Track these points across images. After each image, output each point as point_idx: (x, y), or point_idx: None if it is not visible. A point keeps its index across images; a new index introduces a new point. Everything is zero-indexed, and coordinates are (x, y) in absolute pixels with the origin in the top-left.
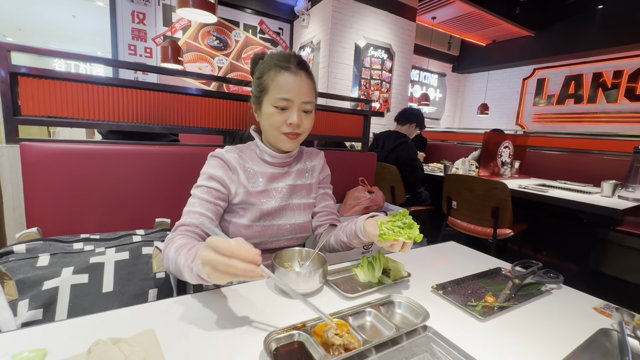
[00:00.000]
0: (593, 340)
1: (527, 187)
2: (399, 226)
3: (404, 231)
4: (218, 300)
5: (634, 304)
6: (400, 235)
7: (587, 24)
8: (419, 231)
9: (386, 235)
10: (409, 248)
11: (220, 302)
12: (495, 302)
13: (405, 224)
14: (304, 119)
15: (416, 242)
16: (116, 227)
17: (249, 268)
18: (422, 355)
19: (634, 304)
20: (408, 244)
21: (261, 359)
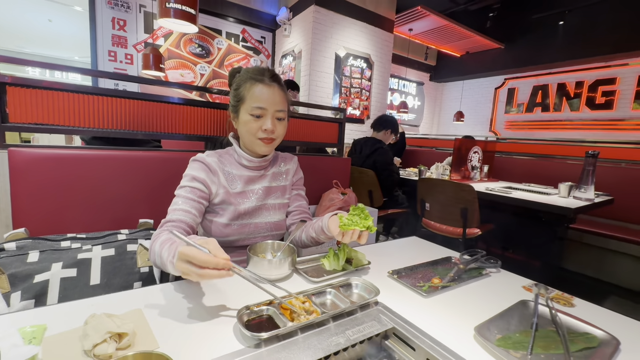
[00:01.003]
0: (512, 308)
1: (493, 189)
2: (356, 221)
3: (360, 221)
4: (197, 286)
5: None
6: (357, 226)
7: (551, 38)
8: (372, 223)
9: (346, 225)
10: (366, 238)
11: (199, 287)
12: (440, 283)
13: (362, 217)
14: (277, 126)
15: (370, 232)
16: (101, 228)
17: (222, 274)
18: (370, 322)
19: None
20: (364, 233)
21: (234, 330)
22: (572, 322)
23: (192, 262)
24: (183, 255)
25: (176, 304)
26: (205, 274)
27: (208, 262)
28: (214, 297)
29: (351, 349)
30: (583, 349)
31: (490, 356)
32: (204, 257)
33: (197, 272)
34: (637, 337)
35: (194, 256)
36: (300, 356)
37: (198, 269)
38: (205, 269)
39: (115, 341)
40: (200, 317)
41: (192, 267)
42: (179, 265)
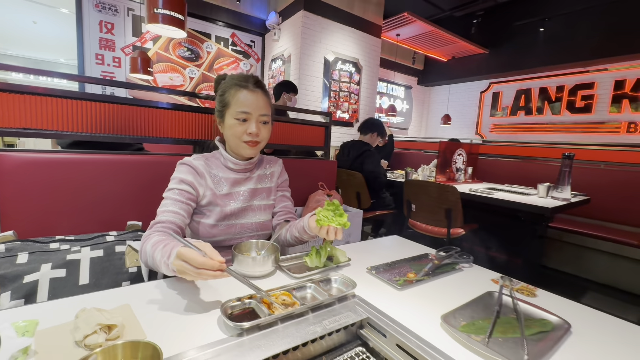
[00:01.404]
0: (479, 298)
1: (476, 190)
2: (331, 217)
3: (335, 218)
4: (184, 283)
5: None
6: (333, 222)
7: (532, 44)
8: (347, 219)
9: (322, 221)
10: (341, 234)
11: (186, 284)
12: (415, 277)
13: (337, 213)
14: (262, 129)
15: (345, 228)
16: (89, 230)
17: (216, 275)
18: (347, 313)
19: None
20: (340, 229)
21: (218, 321)
22: (531, 309)
23: (189, 263)
24: (181, 255)
25: (163, 299)
26: (201, 273)
27: (205, 264)
28: (199, 293)
29: (328, 337)
30: (538, 333)
31: (454, 340)
32: (201, 260)
33: (194, 272)
34: (586, 321)
35: (192, 258)
36: (279, 343)
37: (195, 269)
38: (202, 270)
39: (105, 332)
40: (186, 310)
41: (189, 267)
42: (176, 264)
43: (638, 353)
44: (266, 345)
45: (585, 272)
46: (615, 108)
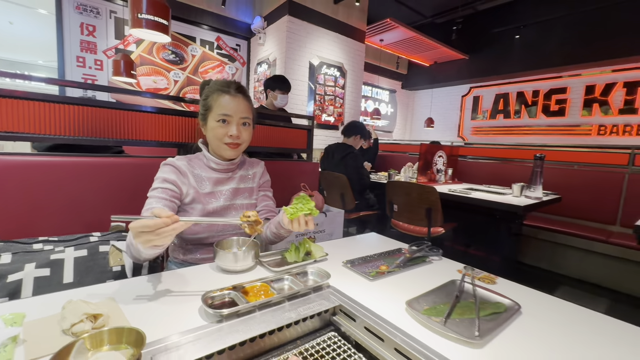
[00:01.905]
0: (443, 286)
1: (455, 190)
2: (300, 207)
3: (304, 207)
4: (167, 278)
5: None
6: (302, 211)
7: (509, 51)
8: (314, 207)
9: (292, 214)
10: (312, 222)
11: (169, 279)
12: (387, 269)
13: (305, 203)
14: (242, 131)
15: (314, 215)
16: (72, 232)
17: (175, 227)
18: (320, 302)
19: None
20: (310, 218)
21: (199, 311)
22: (488, 294)
23: (145, 230)
24: (134, 229)
25: (146, 293)
26: (160, 233)
27: (157, 224)
28: (181, 287)
29: (302, 323)
30: (491, 314)
31: (416, 322)
32: (151, 222)
33: (154, 235)
34: (535, 303)
35: (144, 225)
36: (256, 328)
37: (154, 233)
38: (159, 230)
39: (91, 321)
40: (168, 302)
41: (148, 234)
42: (137, 238)
43: (577, 329)
44: (244, 330)
45: (558, 267)
46: (587, 112)
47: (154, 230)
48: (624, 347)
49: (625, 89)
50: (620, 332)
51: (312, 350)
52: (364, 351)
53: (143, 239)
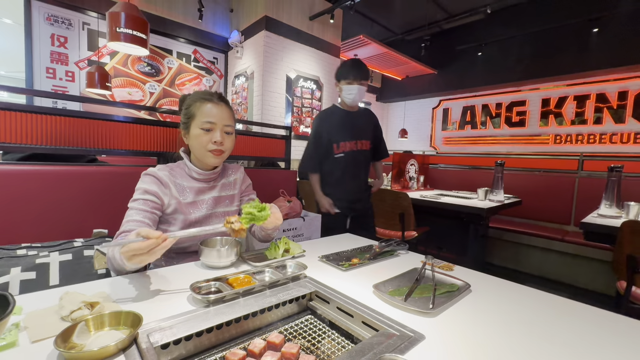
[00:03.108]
0: (406, 273)
1: (426, 196)
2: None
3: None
4: (154, 274)
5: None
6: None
7: (473, 66)
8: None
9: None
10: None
11: (156, 275)
12: (358, 262)
13: (258, 209)
14: (225, 139)
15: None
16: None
17: (165, 245)
18: (298, 289)
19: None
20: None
21: (188, 298)
22: (445, 278)
23: (138, 253)
24: (126, 253)
25: (136, 287)
26: (152, 252)
27: (149, 245)
28: (169, 281)
29: (282, 307)
30: (445, 292)
31: (381, 301)
32: (143, 245)
33: (148, 255)
34: (485, 284)
35: (136, 248)
36: (240, 311)
37: (147, 254)
38: (152, 250)
39: (89, 309)
40: (158, 293)
41: (142, 256)
42: (131, 260)
43: (516, 301)
44: (229, 313)
45: (522, 266)
46: (544, 123)
47: (147, 251)
48: (551, 313)
49: (576, 102)
50: (551, 302)
51: (291, 330)
52: (337, 328)
53: (137, 260)
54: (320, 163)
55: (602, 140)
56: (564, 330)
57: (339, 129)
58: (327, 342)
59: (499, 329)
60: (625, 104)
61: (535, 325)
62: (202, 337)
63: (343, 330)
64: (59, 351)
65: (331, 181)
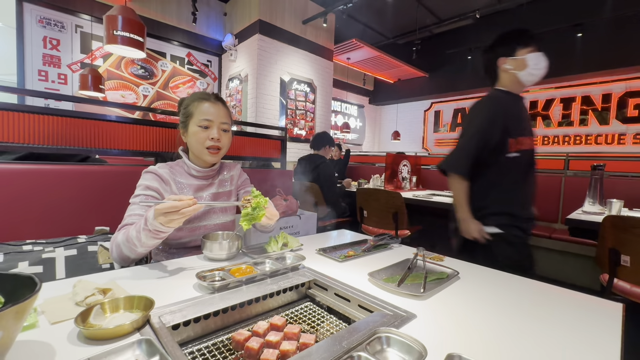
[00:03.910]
0: (399, 262)
1: (419, 196)
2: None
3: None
4: (159, 266)
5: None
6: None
7: (463, 70)
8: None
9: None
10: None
11: (161, 266)
12: (354, 254)
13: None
14: (222, 136)
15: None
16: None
17: (196, 208)
18: (298, 277)
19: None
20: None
21: (194, 286)
22: (435, 267)
23: (171, 211)
24: (159, 211)
25: (143, 277)
26: (184, 212)
27: (183, 204)
28: (173, 272)
29: (283, 294)
30: (435, 279)
31: (375, 287)
32: (178, 203)
33: (178, 214)
34: (472, 272)
35: (171, 205)
36: (244, 297)
37: (179, 211)
38: (184, 209)
39: (102, 295)
40: (165, 282)
41: (173, 214)
42: (160, 219)
43: (502, 288)
44: (233, 298)
45: None
46: (532, 124)
47: (180, 209)
48: (532, 296)
49: (562, 104)
50: (532, 286)
51: (292, 315)
52: (334, 313)
53: (168, 218)
54: (473, 166)
55: (588, 141)
56: (545, 309)
57: (517, 120)
58: (326, 324)
59: (485, 308)
60: (609, 107)
61: (518, 306)
62: (209, 320)
63: (341, 315)
64: (79, 329)
65: (499, 191)
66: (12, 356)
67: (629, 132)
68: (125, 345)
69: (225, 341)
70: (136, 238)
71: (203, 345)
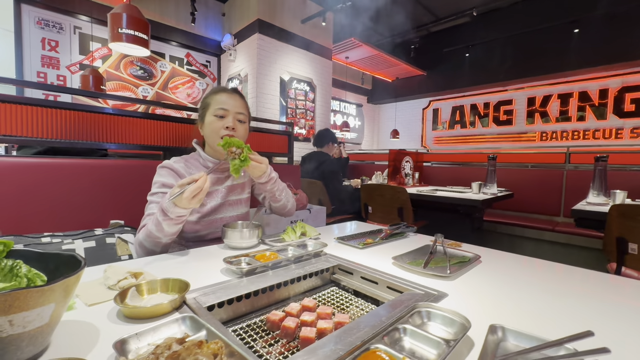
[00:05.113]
0: (419, 248)
1: (422, 191)
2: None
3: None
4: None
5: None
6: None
7: (460, 68)
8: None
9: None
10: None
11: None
12: (372, 242)
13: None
14: (238, 126)
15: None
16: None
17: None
18: (321, 263)
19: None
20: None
21: (222, 271)
22: (455, 252)
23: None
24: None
25: (168, 264)
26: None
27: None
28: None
29: (309, 278)
30: (458, 262)
31: (401, 270)
32: (199, 184)
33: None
34: (492, 256)
35: (196, 187)
36: (271, 281)
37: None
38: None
39: (134, 279)
40: (191, 267)
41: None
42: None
43: (524, 269)
44: (262, 282)
45: None
46: (530, 121)
47: (203, 187)
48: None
49: (560, 100)
50: (552, 267)
51: (319, 298)
52: (362, 296)
53: (197, 199)
54: None
55: (586, 136)
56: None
57: None
58: (355, 306)
59: (513, 286)
60: (606, 102)
61: (545, 284)
62: (240, 303)
63: (368, 297)
64: (119, 307)
65: None
66: (60, 333)
67: (626, 126)
68: (170, 321)
69: (259, 322)
70: (157, 231)
71: (238, 327)
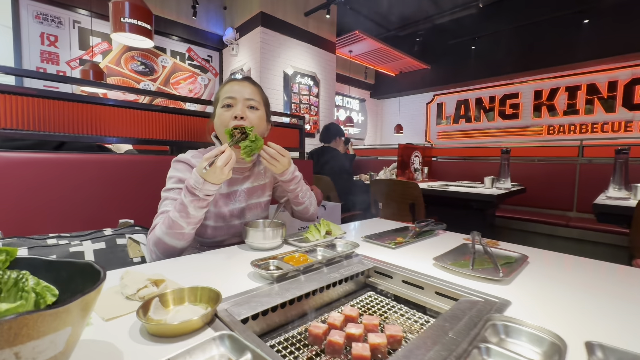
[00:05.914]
0: (457, 248)
1: (433, 186)
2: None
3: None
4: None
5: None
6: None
7: (465, 61)
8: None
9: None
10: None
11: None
12: (403, 241)
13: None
14: (249, 113)
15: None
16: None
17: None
18: (355, 266)
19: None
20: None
21: (249, 276)
22: (497, 251)
23: (228, 161)
24: (220, 167)
25: (188, 267)
26: (228, 153)
27: (229, 152)
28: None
29: (344, 283)
30: (505, 263)
31: (446, 272)
32: (228, 153)
33: (226, 154)
34: (537, 256)
35: (228, 156)
36: (305, 287)
37: (232, 159)
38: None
39: (155, 287)
40: (215, 272)
41: (232, 163)
42: (225, 171)
43: (576, 271)
44: (294, 289)
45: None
46: (537, 114)
47: (231, 156)
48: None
49: (567, 93)
50: (600, 266)
51: (358, 305)
52: (403, 301)
53: (229, 168)
54: None
55: (594, 129)
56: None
57: None
58: (399, 315)
59: (576, 292)
60: (616, 94)
61: (614, 288)
62: (274, 313)
63: (412, 303)
64: (143, 323)
65: None
66: (74, 357)
67: (636, 119)
68: (206, 342)
69: (297, 335)
70: (181, 217)
71: (275, 341)
